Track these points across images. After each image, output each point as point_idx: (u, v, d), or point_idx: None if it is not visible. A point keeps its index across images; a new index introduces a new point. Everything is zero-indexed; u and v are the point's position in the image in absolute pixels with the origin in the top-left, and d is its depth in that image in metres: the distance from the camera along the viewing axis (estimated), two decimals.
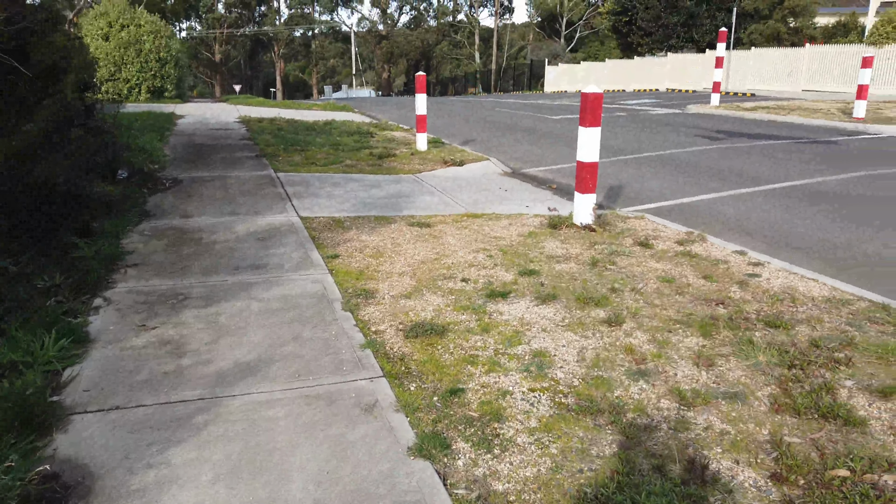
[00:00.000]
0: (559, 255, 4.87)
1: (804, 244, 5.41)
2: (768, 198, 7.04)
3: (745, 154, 9.92)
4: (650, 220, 6.03)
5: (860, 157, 9.51)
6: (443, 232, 5.49)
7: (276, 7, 63.83)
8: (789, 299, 3.98)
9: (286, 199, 6.46)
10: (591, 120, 5.53)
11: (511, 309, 3.83)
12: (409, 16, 66.56)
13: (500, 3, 60.90)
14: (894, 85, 19.93)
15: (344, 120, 14.24)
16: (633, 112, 17.23)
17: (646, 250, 5.03)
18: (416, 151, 9.96)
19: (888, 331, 3.52)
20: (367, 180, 7.65)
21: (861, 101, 13.14)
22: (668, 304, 3.92)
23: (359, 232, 5.43)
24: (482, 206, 6.58)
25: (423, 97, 10.34)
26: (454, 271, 4.48)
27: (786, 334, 3.46)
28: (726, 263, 4.70)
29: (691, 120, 14.78)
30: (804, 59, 23.16)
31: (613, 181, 7.99)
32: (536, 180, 8.21)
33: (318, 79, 67.41)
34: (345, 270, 4.46)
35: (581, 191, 5.67)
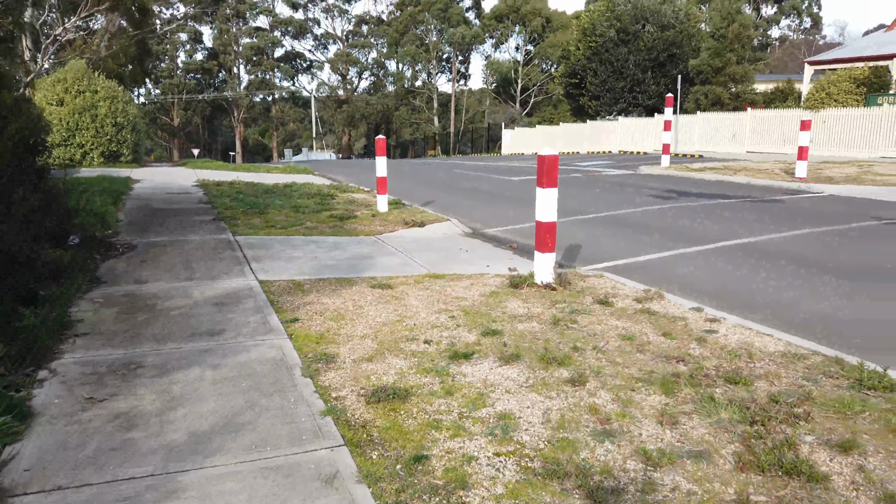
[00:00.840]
0: (521, 315, 4.88)
1: (757, 300, 5.55)
2: (721, 255, 7.25)
3: (697, 213, 10.25)
4: (609, 278, 6.12)
5: (804, 215, 9.92)
6: (405, 293, 5.46)
7: (237, 73, 64.67)
8: (746, 355, 4.05)
9: (244, 263, 6.36)
10: (548, 181, 5.66)
11: (475, 370, 3.79)
12: (369, 81, 68.18)
13: (458, 70, 63.01)
14: (831, 146, 21.08)
15: (304, 182, 14.27)
16: (588, 173, 17.74)
17: (606, 308, 5.08)
18: (376, 213, 10.00)
19: (843, 385, 3.59)
20: (327, 242, 7.62)
21: (802, 162, 13.81)
22: (629, 361, 3.94)
23: (319, 295, 5.36)
24: (444, 266, 6.59)
25: (383, 159, 10.47)
26: (417, 333, 4.44)
27: (745, 390, 3.50)
28: (684, 320, 4.77)
29: (644, 181, 15.27)
30: (747, 122, 24.38)
31: (572, 240, 8.13)
32: (497, 240, 8.30)
33: (278, 142, 67.88)
34: (304, 334, 4.37)
35: (541, 250, 5.74)
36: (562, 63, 43.10)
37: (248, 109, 64.24)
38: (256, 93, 64.30)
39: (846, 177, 14.04)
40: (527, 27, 58.13)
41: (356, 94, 66.48)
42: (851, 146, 20.51)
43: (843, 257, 7.05)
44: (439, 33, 59.75)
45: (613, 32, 35.66)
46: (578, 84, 38.49)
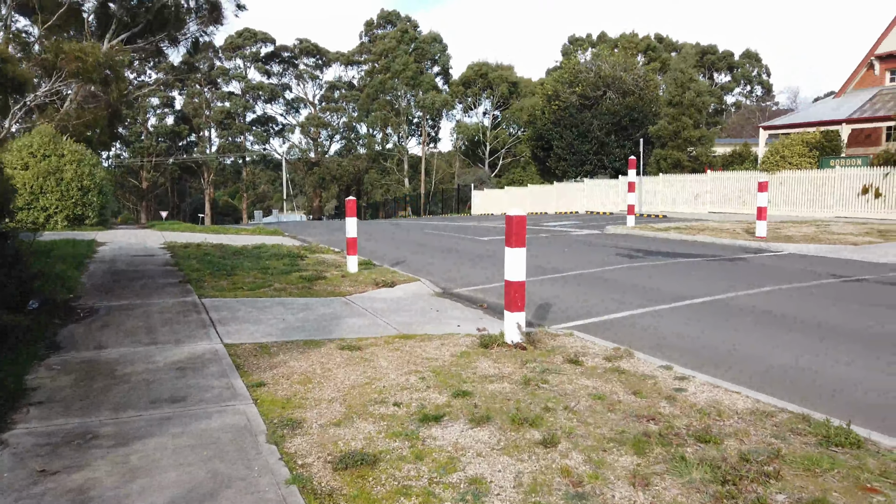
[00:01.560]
0: (492, 375, 4.84)
1: (725, 357, 5.61)
2: (687, 313, 7.35)
3: (663, 272, 10.43)
4: (579, 336, 6.14)
5: (766, 273, 10.16)
6: (374, 355, 5.39)
7: (208, 136, 65.05)
8: (716, 413, 4.06)
9: (210, 326, 6.24)
10: (517, 241, 5.74)
11: (445, 433, 3.73)
12: (340, 144, 69.14)
13: (428, 133, 64.35)
14: (788, 206, 21.84)
15: (274, 244, 14.21)
16: (556, 233, 18.01)
17: (576, 367, 5.08)
18: (346, 274, 9.96)
19: (811, 442, 3.61)
20: (296, 304, 7.53)
21: (762, 222, 14.25)
22: (601, 421, 3.92)
23: (286, 357, 5.26)
24: (414, 327, 6.55)
25: (353, 220, 10.51)
26: (386, 395, 4.36)
27: (716, 449, 3.49)
28: (654, 378, 4.79)
29: (610, 240, 15.55)
30: (708, 183, 25.20)
31: (542, 299, 8.18)
32: (467, 300, 8.31)
33: (248, 204, 67.82)
34: (270, 399, 4.27)
35: (510, 309, 5.76)
36: (528, 127, 44.42)
37: (219, 172, 64.43)
38: (227, 155, 64.62)
39: (805, 236, 14.50)
40: (494, 92, 60.00)
41: (327, 156, 67.27)
42: (808, 206, 21.27)
43: (807, 314, 7.21)
44: (410, 98, 61.25)
45: (576, 98, 37.00)
46: (545, 147, 39.58)
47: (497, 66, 61.18)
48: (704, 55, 64.90)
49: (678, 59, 37.56)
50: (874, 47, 26.78)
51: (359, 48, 66.63)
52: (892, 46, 26.00)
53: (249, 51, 65.02)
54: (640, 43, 59.07)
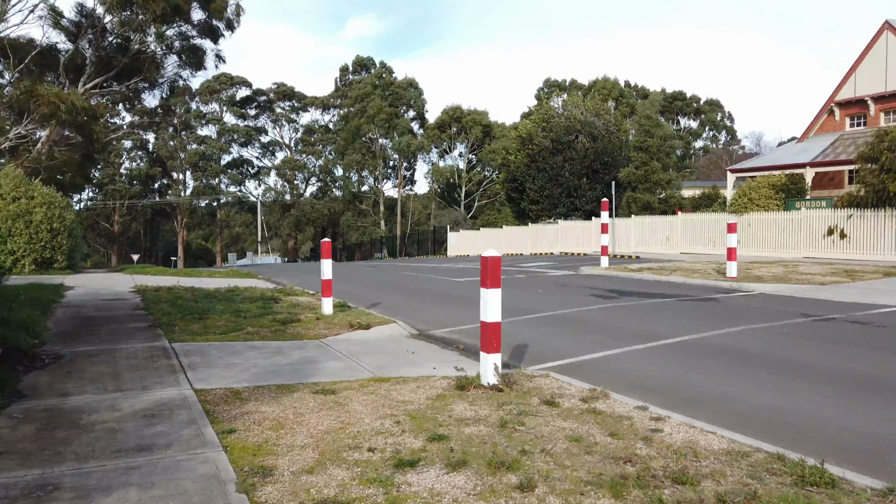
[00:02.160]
0: (468, 418, 4.79)
1: (700, 396, 5.62)
2: (662, 353, 7.38)
3: (637, 312, 10.51)
4: (555, 377, 6.12)
5: (738, 312, 10.30)
6: (348, 399, 5.30)
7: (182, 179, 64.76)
8: (692, 454, 4.05)
9: (180, 371, 6.10)
10: (492, 282, 5.75)
11: (420, 479, 3.65)
12: (316, 186, 69.26)
13: (403, 175, 64.86)
14: (757, 247, 22.29)
15: (247, 286, 14.05)
16: (531, 274, 18.11)
17: (553, 409, 5.05)
18: (321, 316, 9.86)
19: (787, 482, 3.61)
20: (269, 347, 7.41)
21: (732, 262, 14.50)
22: (577, 464, 3.88)
23: (258, 403, 5.15)
24: (389, 369, 6.47)
25: (328, 262, 10.47)
26: (360, 441, 4.28)
27: (693, 491, 3.47)
28: (630, 419, 4.77)
29: (585, 281, 15.67)
30: (678, 225, 25.66)
31: (518, 340, 8.16)
32: (443, 342, 8.26)
33: (222, 246, 67.21)
34: (241, 446, 4.15)
35: (487, 351, 5.73)
36: (502, 169, 45.04)
37: (193, 214, 63.90)
38: (202, 198, 64.26)
39: (774, 276, 14.77)
40: (468, 136, 60.94)
41: (303, 198, 67.29)
42: (776, 247, 21.74)
43: (779, 353, 7.29)
44: (385, 142, 61.89)
45: (549, 142, 37.72)
46: (519, 189, 40.10)
47: (471, 111, 62.29)
48: (673, 101, 66.95)
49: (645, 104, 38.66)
50: (834, 94, 27.87)
51: (335, 93, 67.48)
52: (851, 94, 27.08)
53: (226, 94, 65.45)
54: (611, 89, 60.75)
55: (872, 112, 26.52)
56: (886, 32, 25.71)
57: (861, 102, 26.88)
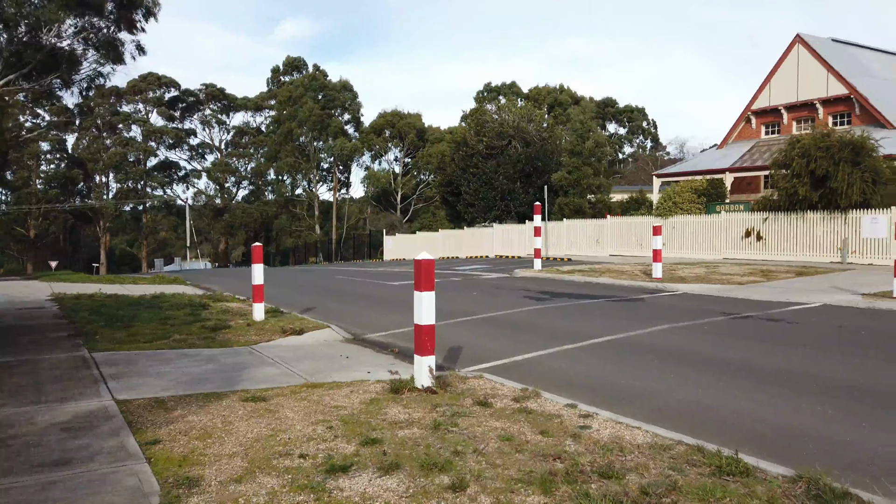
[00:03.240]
0: (402, 421, 4.79)
1: (626, 393, 5.82)
2: (591, 352, 7.60)
3: (568, 313, 10.77)
4: (488, 378, 6.20)
5: (663, 312, 10.70)
6: (280, 405, 5.21)
7: (105, 182, 61.94)
8: (618, 449, 4.19)
9: (101, 382, 5.85)
10: (426, 285, 5.78)
11: (352, 484, 3.64)
12: (248, 190, 67.60)
13: (339, 179, 64.19)
14: (679, 249, 23.22)
15: (175, 293, 13.59)
16: (466, 277, 18.27)
17: (486, 409, 5.12)
18: (252, 322, 9.66)
19: (705, 472, 3.79)
20: (197, 355, 7.20)
21: (658, 264, 15.06)
22: (509, 462, 3.95)
23: (185, 412, 4.99)
24: (323, 375, 6.40)
25: (259, 267, 10.26)
26: (291, 448, 4.22)
27: (618, 484, 3.60)
28: (560, 417, 4.90)
29: (519, 283, 15.94)
30: (608, 228, 26.45)
31: (453, 342, 8.23)
32: (379, 345, 8.23)
33: (148, 252, 64.67)
34: (166, 457, 4.02)
35: (421, 353, 5.75)
36: (438, 173, 45.26)
37: (116, 219, 61.16)
38: (126, 202, 61.62)
39: (696, 276, 15.43)
40: (404, 140, 60.93)
41: (234, 202, 65.53)
42: (698, 249, 22.71)
43: (701, 350, 7.63)
44: (320, 145, 61.08)
45: (483, 147, 38.16)
46: (454, 192, 40.37)
47: (407, 114, 62.32)
48: (605, 108, 68.89)
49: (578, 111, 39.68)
50: (750, 103, 29.38)
51: (266, 94, 66.08)
52: (766, 103, 28.63)
53: (153, 95, 63.03)
54: (547, 96, 62.01)
55: (785, 120, 28.11)
56: (798, 46, 27.32)
57: (775, 111, 28.44)
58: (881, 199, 18.34)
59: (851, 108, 25.61)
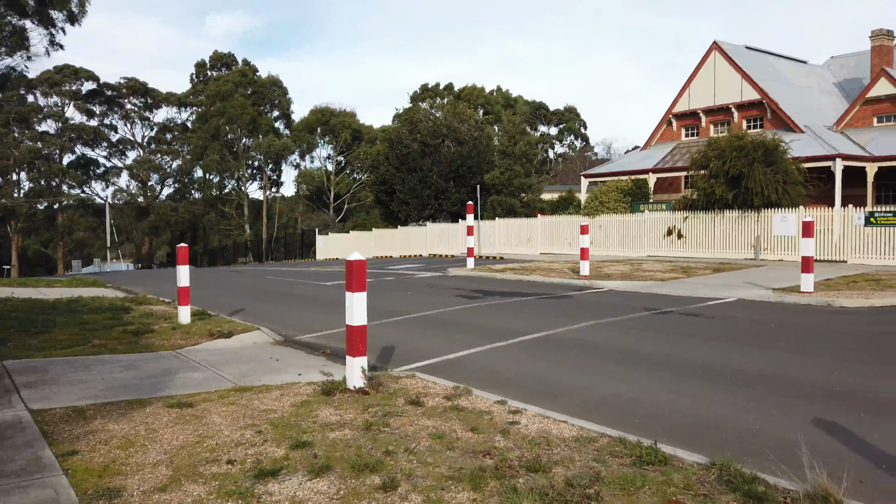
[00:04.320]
0: (333, 423, 4.78)
1: (554, 388, 5.99)
2: (522, 349, 7.77)
3: (500, 311, 10.96)
4: (420, 377, 6.25)
5: (591, 309, 11.04)
6: (207, 411, 5.09)
7: (15, 179, 58.37)
8: (545, 443, 4.32)
9: (13, 392, 5.55)
10: (357, 285, 5.77)
11: (282, 488, 3.61)
12: (173, 188, 65.19)
13: (269, 177, 62.81)
14: (606, 247, 23.98)
15: (94, 296, 13.00)
16: (400, 276, 18.28)
17: (418, 408, 5.16)
18: (178, 325, 9.36)
19: (626, 462, 3.96)
20: (119, 361, 6.93)
21: (585, 262, 15.51)
22: (440, 460, 4.01)
23: (105, 421, 4.81)
24: (252, 378, 6.29)
25: (185, 268, 9.96)
26: (219, 454, 4.13)
27: (545, 477, 3.71)
28: (490, 414, 5.00)
29: (452, 282, 16.07)
30: (539, 227, 27.01)
31: (386, 342, 8.23)
32: (309, 347, 8.14)
33: (64, 253, 61.37)
34: (85, 468, 3.87)
35: (352, 354, 5.74)
36: (372, 172, 45.00)
37: (29, 218, 57.71)
38: (39, 200, 58.25)
39: (622, 273, 15.98)
40: (338, 138, 60.24)
41: (159, 201, 63.04)
42: (623, 246, 23.51)
43: (625, 345, 7.93)
44: (249, 142, 59.58)
45: (417, 145, 38.23)
46: (388, 191, 40.25)
47: (341, 112, 61.65)
48: (538, 109, 70.15)
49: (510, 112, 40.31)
50: (672, 106, 30.62)
51: (192, 89, 63.91)
52: (686, 107, 29.90)
53: (68, 88, 59.82)
54: (479, 97, 62.60)
55: (704, 123, 29.44)
56: (715, 52, 28.65)
57: (694, 115, 29.74)
58: (790, 198, 19.50)
59: (764, 112, 27.09)
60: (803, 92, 28.73)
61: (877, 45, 26.72)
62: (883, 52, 26.53)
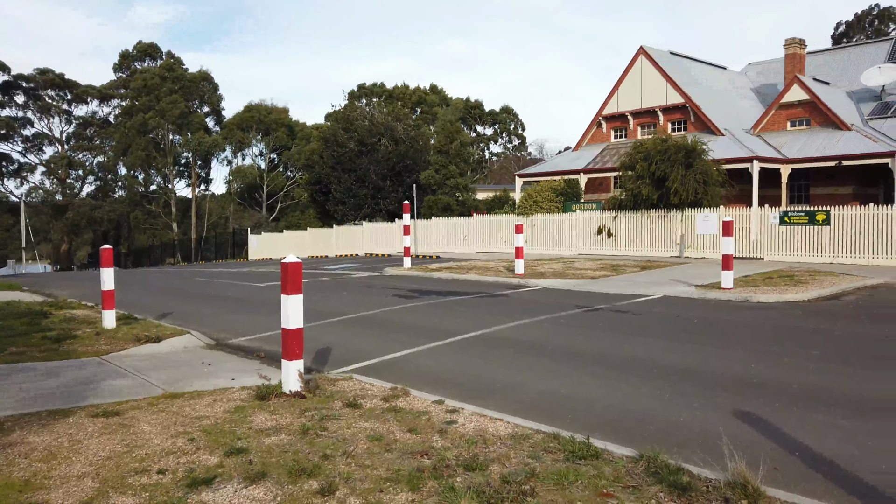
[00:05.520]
0: (268, 428, 4.71)
1: (490, 387, 6.09)
2: (459, 348, 7.85)
3: (437, 310, 11.03)
4: (358, 379, 6.23)
5: (525, 307, 11.26)
6: (135, 419, 4.93)
7: None
8: (482, 441, 4.40)
9: None
10: (293, 288, 5.70)
11: (216, 496, 3.54)
12: (95, 186, 62.19)
13: (198, 175, 60.84)
14: (540, 245, 24.47)
15: (10, 300, 12.30)
16: (336, 276, 18.09)
17: (355, 411, 5.15)
18: (102, 331, 8.98)
19: (560, 458, 4.08)
20: (38, 369, 6.60)
21: (519, 261, 15.78)
22: (378, 463, 4.02)
23: (25, 433, 4.58)
24: (183, 384, 6.11)
25: (110, 271, 9.57)
26: (149, 464, 4.01)
27: (482, 475, 3.78)
28: (428, 414, 5.04)
29: (389, 282, 16.04)
30: (474, 226, 27.27)
31: (322, 344, 8.15)
32: (243, 350, 7.98)
33: None
34: (4, 483, 3.68)
35: (288, 358, 5.67)
36: (307, 170, 44.27)
37: None
38: None
39: (555, 272, 16.34)
40: (271, 135, 58.94)
41: (79, 199, 59.99)
42: (557, 245, 24.05)
43: (558, 342, 8.13)
44: (177, 138, 57.52)
45: (353, 144, 37.90)
46: (324, 190, 39.74)
47: (274, 109, 60.33)
48: (473, 109, 70.65)
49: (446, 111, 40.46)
50: (601, 108, 31.50)
51: (116, 82, 61.12)
52: (615, 109, 30.82)
53: None
54: (413, 95, 62.48)
55: (631, 126, 30.42)
56: (641, 57, 29.65)
57: (622, 117, 30.70)
58: (711, 198, 20.43)
59: (687, 115, 28.24)
60: (723, 96, 30.11)
61: (790, 53, 28.29)
62: (796, 60, 28.12)
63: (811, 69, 30.09)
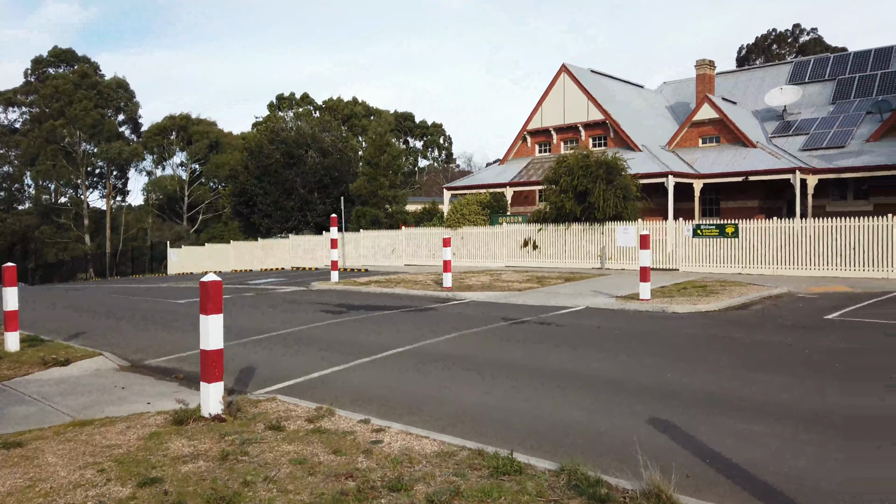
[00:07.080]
0: (186, 455, 4.53)
1: (417, 403, 6.09)
2: (386, 364, 7.81)
3: (364, 325, 10.94)
4: (281, 400, 6.09)
5: (452, 320, 11.33)
6: (39, 450, 4.64)
7: None
8: (408, 460, 4.39)
9: None
10: (213, 307, 5.53)
11: None
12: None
13: (113, 185, 58.17)
14: (468, 258, 24.71)
15: None
16: (261, 292, 17.65)
17: (278, 433, 5.03)
18: (4, 354, 8.43)
19: (485, 474, 4.12)
20: None
21: (447, 274, 15.88)
22: (300, 487, 3.94)
23: None
24: (93, 410, 5.81)
25: (13, 290, 9.00)
26: (54, 498, 3.78)
27: (407, 496, 3.77)
28: (353, 434, 4.98)
29: (316, 296, 15.79)
30: (403, 238, 27.26)
31: (245, 363, 7.93)
32: (160, 372, 7.66)
33: None
34: None
35: (208, 380, 5.48)
36: (231, 182, 43.08)
37: None
38: None
39: (482, 284, 16.54)
40: (193, 145, 57.08)
41: None
42: (484, 258, 24.35)
43: (485, 355, 8.22)
44: (91, 148, 54.79)
45: (279, 155, 37.21)
46: (248, 203, 38.77)
47: (197, 119, 58.53)
48: (404, 121, 70.81)
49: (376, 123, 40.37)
50: (527, 123, 32.24)
51: (24, 87, 57.77)
52: (539, 124, 31.62)
53: None
54: (343, 107, 62.06)
55: (555, 140, 31.28)
56: (564, 74, 30.58)
57: (546, 132, 31.52)
58: (630, 212, 21.23)
59: (607, 132, 29.31)
60: (641, 113, 31.43)
61: (701, 73, 29.88)
62: (706, 80, 29.72)
63: (720, 89, 31.88)
